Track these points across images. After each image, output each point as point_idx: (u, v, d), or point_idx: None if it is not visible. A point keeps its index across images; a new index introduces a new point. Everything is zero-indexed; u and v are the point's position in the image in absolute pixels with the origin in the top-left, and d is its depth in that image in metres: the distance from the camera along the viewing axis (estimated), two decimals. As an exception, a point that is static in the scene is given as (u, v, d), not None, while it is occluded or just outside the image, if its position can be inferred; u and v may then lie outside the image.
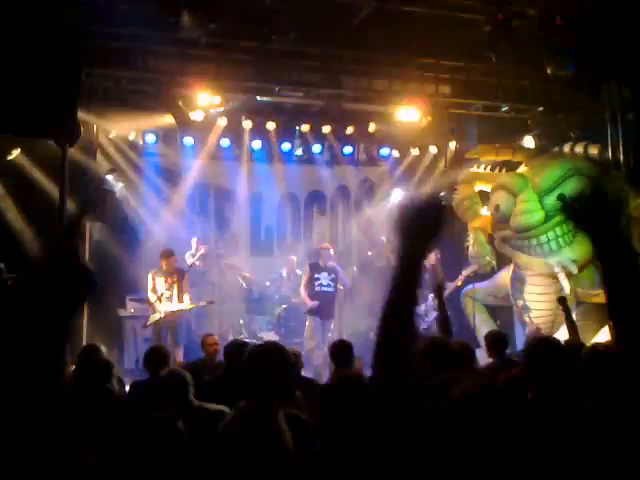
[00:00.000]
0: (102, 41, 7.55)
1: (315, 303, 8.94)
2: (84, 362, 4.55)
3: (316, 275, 9.10)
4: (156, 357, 4.93)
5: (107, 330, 8.39)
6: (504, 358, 5.11)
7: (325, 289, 9.07)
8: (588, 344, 4.68)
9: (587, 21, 7.16)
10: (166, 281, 8.27)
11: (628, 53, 7.36)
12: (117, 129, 8.80)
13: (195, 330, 9.81)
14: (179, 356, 8.29)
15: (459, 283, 8.85)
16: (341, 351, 4.91)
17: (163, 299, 8.20)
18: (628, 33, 7.13)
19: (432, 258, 9.08)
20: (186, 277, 8.49)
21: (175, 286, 8.32)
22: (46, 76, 5.81)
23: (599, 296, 8.53)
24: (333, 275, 9.16)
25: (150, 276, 8.34)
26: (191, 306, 8.55)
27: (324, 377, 7.28)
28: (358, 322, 10.67)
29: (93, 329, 8.21)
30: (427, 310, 8.96)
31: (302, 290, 9.17)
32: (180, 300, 8.34)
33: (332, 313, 9.22)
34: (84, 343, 6.86)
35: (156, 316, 8.16)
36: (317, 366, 8.56)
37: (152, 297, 8.18)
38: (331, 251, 9.50)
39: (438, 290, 4.36)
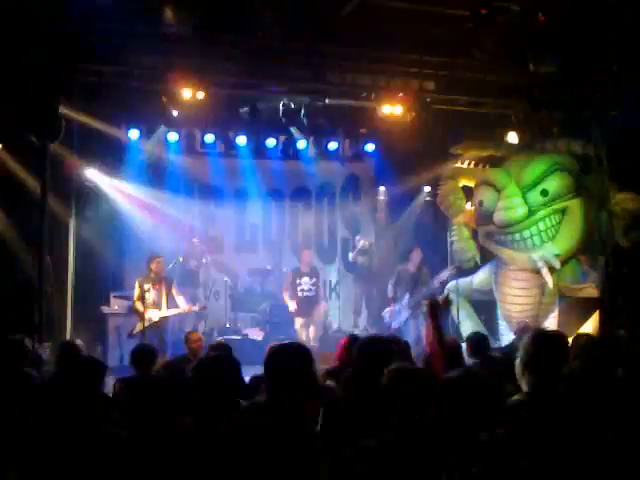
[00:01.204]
0: (85, 36, 7.49)
1: (294, 307, 9.43)
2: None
3: (297, 280, 9.50)
4: (144, 355, 4.90)
5: (91, 327, 8.34)
6: (487, 358, 5.10)
7: (307, 294, 9.50)
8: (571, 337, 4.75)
9: (570, 18, 7.21)
10: (154, 287, 8.19)
11: (610, 50, 7.44)
12: (100, 124, 8.72)
13: (180, 328, 9.79)
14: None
15: (437, 285, 8.90)
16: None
17: (151, 306, 8.12)
18: (610, 30, 7.20)
19: (415, 259, 9.13)
20: (174, 284, 8.50)
21: (163, 293, 8.29)
22: (28, 72, 5.77)
23: (582, 290, 8.63)
24: (314, 279, 9.60)
25: (137, 284, 8.23)
26: (185, 309, 8.51)
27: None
28: (343, 319, 10.70)
29: (77, 326, 8.17)
30: (400, 309, 9.06)
31: (284, 294, 9.62)
32: (169, 307, 8.31)
33: (313, 314, 9.62)
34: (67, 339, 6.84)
35: (140, 326, 8.08)
36: None
37: (140, 306, 8.05)
38: (311, 255, 9.89)
39: (431, 309, 4.29)
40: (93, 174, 9.25)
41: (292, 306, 9.42)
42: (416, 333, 8.76)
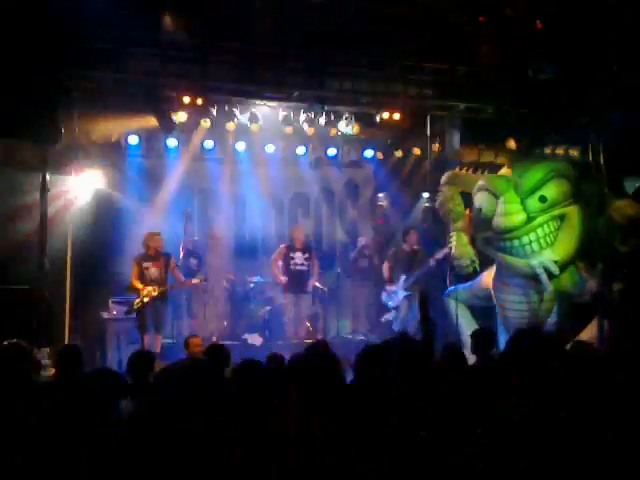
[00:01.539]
0: (84, 42, 7.52)
1: (284, 279, 9.55)
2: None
3: (291, 254, 9.62)
4: (141, 363, 4.88)
5: (89, 332, 8.34)
6: (487, 357, 5.11)
7: (299, 267, 9.62)
8: (571, 344, 4.75)
9: (568, 24, 7.25)
10: (154, 265, 8.34)
11: (608, 56, 7.47)
12: (99, 130, 8.75)
13: (179, 331, 9.80)
14: (157, 347, 8.37)
15: (432, 263, 9.08)
16: None
17: (151, 284, 8.25)
18: (608, 36, 7.23)
19: (412, 241, 9.22)
20: (172, 259, 8.66)
21: (163, 270, 8.42)
22: (27, 78, 5.79)
23: (580, 297, 8.62)
24: (307, 254, 9.72)
25: (134, 261, 8.37)
26: (185, 282, 8.68)
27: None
28: (342, 324, 10.70)
29: (75, 330, 8.17)
30: (397, 290, 9.25)
31: (274, 267, 9.71)
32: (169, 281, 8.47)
33: (305, 289, 9.70)
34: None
35: (139, 300, 8.15)
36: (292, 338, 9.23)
37: (138, 284, 8.20)
38: (303, 231, 9.99)
39: (422, 301, 4.34)
40: (92, 179, 9.27)
41: (282, 279, 9.54)
42: (411, 313, 8.92)
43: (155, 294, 8.21)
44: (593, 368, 3.46)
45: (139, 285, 8.23)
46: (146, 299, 8.08)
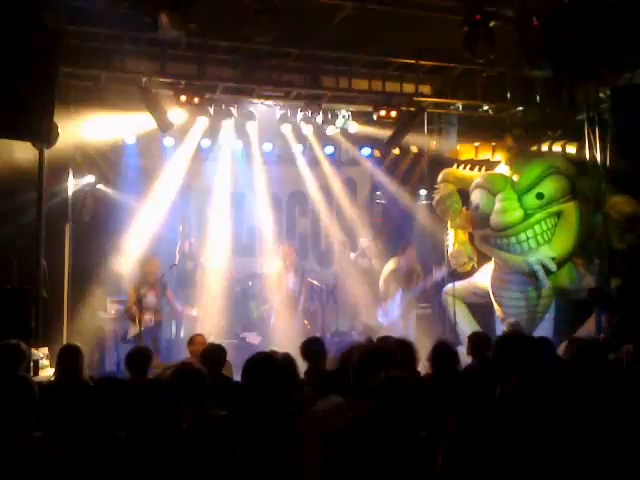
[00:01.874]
0: (81, 41, 7.52)
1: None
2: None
3: (284, 276, 9.66)
4: (139, 358, 4.89)
5: (88, 332, 8.33)
6: (484, 360, 5.10)
7: (290, 291, 9.65)
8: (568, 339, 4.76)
9: (564, 22, 7.24)
10: (151, 291, 8.33)
11: (605, 53, 7.46)
12: (96, 129, 8.74)
13: (177, 332, 9.79)
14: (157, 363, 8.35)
15: (429, 286, 9.03)
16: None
17: (148, 310, 8.22)
18: (604, 34, 7.22)
19: (409, 256, 9.20)
20: (168, 287, 8.63)
21: (159, 297, 8.42)
22: (23, 77, 5.77)
23: (578, 293, 8.65)
24: (298, 278, 9.75)
25: (132, 288, 8.34)
26: (183, 311, 8.67)
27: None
28: (340, 322, 10.70)
29: (73, 330, 8.17)
30: (393, 307, 9.32)
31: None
32: (163, 309, 8.44)
33: (295, 311, 9.74)
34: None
35: (137, 328, 8.13)
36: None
37: (136, 311, 8.16)
38: (294, 252, 9.96)
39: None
40: (89, 178, 9.27)
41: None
42: (405, 333, 8.89)
43: (152, 324, 8.24)
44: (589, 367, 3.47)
45: (136, 312, 8.20)
46: (143, 327, 8.09)
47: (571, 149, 8.83)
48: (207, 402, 3.41)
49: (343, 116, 9.43)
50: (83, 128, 8.49)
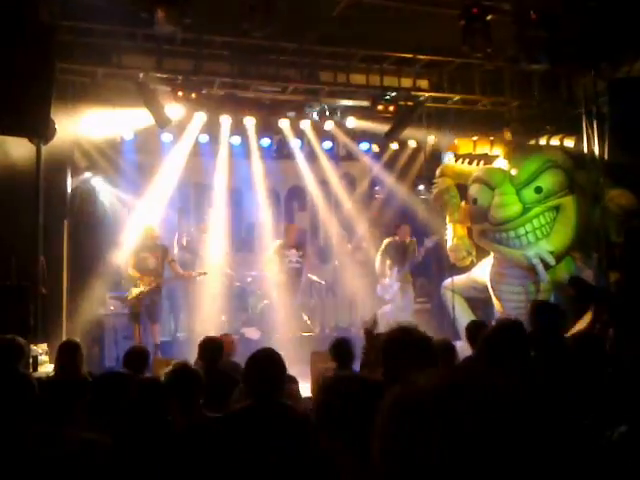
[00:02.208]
0: (77, 37, 7.51)
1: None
2: None
3: (286, 252, 9.68)
4: (136, 357, 4.91)
5: (87, 328, 8.34)
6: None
7: (294, 265, 9.72)
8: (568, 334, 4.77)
9: (561, 15, 7.24)
10: (152, 255, 8.46)
11: (601, 46, 7.46)
12: (94, 125, 8.73)
13: (177, 326, 9.81)
14: (156, 337, 8.44)
15: (422, 253, 9.17)
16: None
17: (149, 274, 8.32)
18: (601, 27, 7.22)
19: (404, 233, 9.28)
20: (169, 251, 8.84)
21: (159, 260, 8.51)
22: (20, 73, 5.77)
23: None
24: (301, 252, 9.81)
25: (132, 252, 8.47)
26: (184, 274, 8.76)
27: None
28: (340, 317, 10.72)
29: (73, 326, 8.17)
30: (391, 283, 9.41)
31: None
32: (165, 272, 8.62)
33: (299, 286, 9.86)
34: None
35: (136, 291, 8.19)
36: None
37: (134, 272, 8.27)
38: (297, 229, 10.15)
39: (367, 334, 4.50)
40: (87, 174, 9.26)
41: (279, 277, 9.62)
42: (406, 302, 9.04)
43: (153, 286, 8.30)
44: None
45: (137, 274, 8.34)
46: (144, 290, 8.16)
47: (569, 143, 8.83)
48: (201, 403, 3.42)
49: (341, 111, 9.45)
50: (81, 124, 8.48)
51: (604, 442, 2.34)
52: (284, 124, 9.74)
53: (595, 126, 8.17)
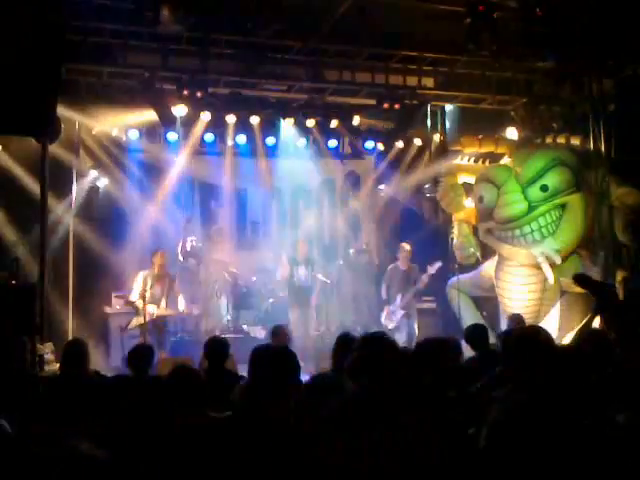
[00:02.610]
0: (83, 36, 7.51)
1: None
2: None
3: (294, 268, 9.46)
4: (140, 356, 4.88)
5: (93, 327, 8.36)
6: (485, 351, 5.07)
7: (303, 284, 9.45)
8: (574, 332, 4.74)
9: (567, 13, 7.21)
10: (157, 283, 8.27)
11: (608, 44, 7.43)
12: (100, 125, 8.75)
13: (182, 326, 9.80)
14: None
15: (426, 280, 9.04)
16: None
17: (150, 302, 8.18)
18: (608, 25, 7.19)
19: (403, 255, 9.21)
20: (177, 281, 8.61)
21: (165, 290, 8.38)
22: (26, 73, 5.78)
23: (583, 285, 8.61)
24: (310, 267, 9.57)
25: (142, 278, 8.27)
26: (184, 311, 8.67)
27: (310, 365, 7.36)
28: (344, 316, 10.69)
29: (79, 326, 8.20)
30: (395, 310, 9.20)
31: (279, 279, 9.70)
32: (168, 305, 8.40)
33: (309, 304, 9.59)
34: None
35: (140, 319, 8.11)
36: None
37: (136, 299, 8.14)
38: (306, 246, 9.79)
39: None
40: (93, 173, 9.28)
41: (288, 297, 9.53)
42: (408, 331, 8.94)
43: (154, 318, 8.20)
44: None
45: (140, 303, 8.15)
46: (146, 319, 8.06)
47: (575, 141, 8.79)
48: (204, 405, 3.40)
49: (346, 109, 9.44)
50: (86, 123, 8.50)
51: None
52: (290, 122, 9.74)
53: (602, 124, 8.14)
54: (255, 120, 9.50)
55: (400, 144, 10.44)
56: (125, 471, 2.85)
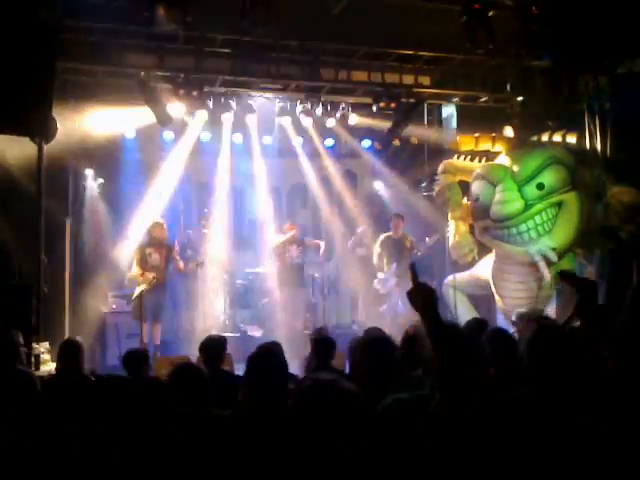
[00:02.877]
0: (78, 35, 7.50)
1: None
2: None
3: (287, 247, 9.77)
4: (135, 358, 4.88)
5: (89, 326, 8.36)
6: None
7: (296, 261, 9.76)
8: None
9: (563, 11, 7.21)
10: (156, 251, 8.44)
11: (604, 42, 7.43)
12: (95, 124, 8.73)
13: (179, 324, 9.81)
14: (157, 338, 8.44)
15: (422, 250, 9.17)
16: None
17: (151, 270, 8.32)
18: (604, 22, 7.19)
19: (396, 226, 9.30)
20: (175, 248, 8.85)
21: (164, 257, 8.52)
22: (20, 72, 5.76)
23: (579, 284, 8.63)
24: (301, 247, 9.88)
25: (138, 248, 8.49)
26: (182, 267, 8.90)
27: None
28: (342, 313, 10.72)
29: (75, 325, 8.19)
30: (388, 277, 9.42)
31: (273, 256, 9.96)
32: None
33: (302, 282, 9.86)
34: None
35: (142, 287, 8.18)
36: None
37: (139, 270, 8.33)
38: (296, 227, 10.05)
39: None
40: (89, 173, 9.27)
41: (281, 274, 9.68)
42: (402, 300, 9.06)
43: (154, 282, 8.28)
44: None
45: (139, 271, 8.32)
46: (146, 286, 8.14)
47: (571, 139, 8.79)
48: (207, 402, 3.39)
49: (343, 108, 9.44)
50: (82, 123, 8.48)
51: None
52: (286, 121, 9.74)
53: (597, 122, 8.14)
54: (251, 119, 9.50)
55: (397, 142, 10.46)
56: (126, 470, 2.86)
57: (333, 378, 2.05)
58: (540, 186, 8.57)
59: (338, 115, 9.50)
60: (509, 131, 9.55)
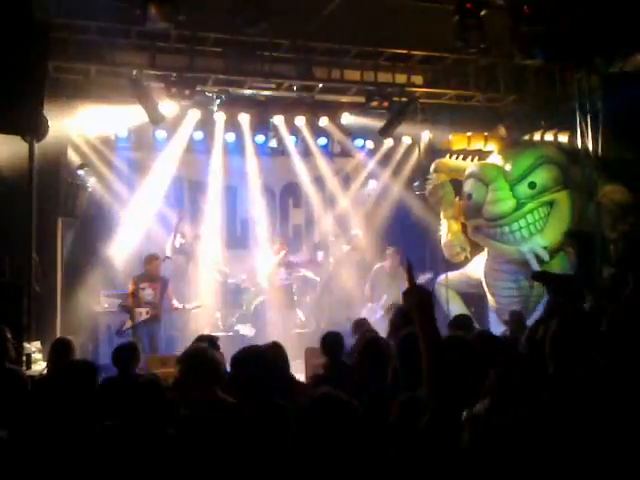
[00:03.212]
0: (70, 34, 7.47)
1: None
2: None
3: (276, 271, 9.96)
4: (124, 354, 4.87)
5: (81, 326, 8.33)
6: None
7: (285, 282, 9.92)
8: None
9: (555, 10, 7.23)
10: (150, 286, 8.30)
11: (595, 42, 7.46)
12: (87, 123, 8.69)
13: (171, 325, 9.76)
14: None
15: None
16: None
17: (144, 305, 8.21)
18: (595, 22, 7.22)
19: (391, 259, 9.26)
20: (169, 285, 8.66)
21: (158, 293, 8.39)
22: (11, 70, 5.74)
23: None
24: (289, 270, 10.08)
25: (132, 281, 8.34)
26: (180, 307, 8.75)
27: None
28: (335, 314, 10.70)
29: (67, 324, 8.16)
30: (376, 308, 9.36)
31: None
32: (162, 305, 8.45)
33: (292, 304, 9.95)
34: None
35: (130, 323, 8.11)
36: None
37: (131, 303, 8.19)
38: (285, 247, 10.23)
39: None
40: (81, 172, 9.22)
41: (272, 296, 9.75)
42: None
43: (147, 318, 8.20)
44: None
45: (130, 305, 8.20)
46: (137, 320, 8.07)
47: (563, 138, 8.83)
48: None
49: (335, 107, 9.45)
50: (74, 121, 8.45)
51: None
52: (279, 121, 9.72)
53: (589, 121, 8.17)
54: (244, 118, 9.49)
55: (390, 142, 10.47)
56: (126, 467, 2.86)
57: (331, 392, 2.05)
58: (532, 185, 8.61)
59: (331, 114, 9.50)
60: (501, 130, 9.58)
